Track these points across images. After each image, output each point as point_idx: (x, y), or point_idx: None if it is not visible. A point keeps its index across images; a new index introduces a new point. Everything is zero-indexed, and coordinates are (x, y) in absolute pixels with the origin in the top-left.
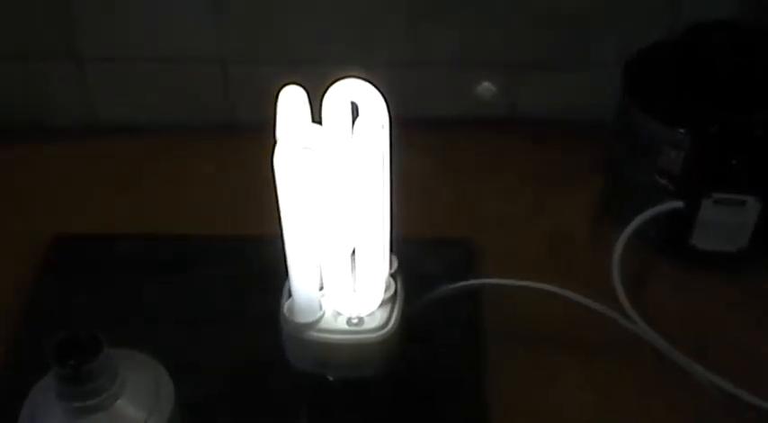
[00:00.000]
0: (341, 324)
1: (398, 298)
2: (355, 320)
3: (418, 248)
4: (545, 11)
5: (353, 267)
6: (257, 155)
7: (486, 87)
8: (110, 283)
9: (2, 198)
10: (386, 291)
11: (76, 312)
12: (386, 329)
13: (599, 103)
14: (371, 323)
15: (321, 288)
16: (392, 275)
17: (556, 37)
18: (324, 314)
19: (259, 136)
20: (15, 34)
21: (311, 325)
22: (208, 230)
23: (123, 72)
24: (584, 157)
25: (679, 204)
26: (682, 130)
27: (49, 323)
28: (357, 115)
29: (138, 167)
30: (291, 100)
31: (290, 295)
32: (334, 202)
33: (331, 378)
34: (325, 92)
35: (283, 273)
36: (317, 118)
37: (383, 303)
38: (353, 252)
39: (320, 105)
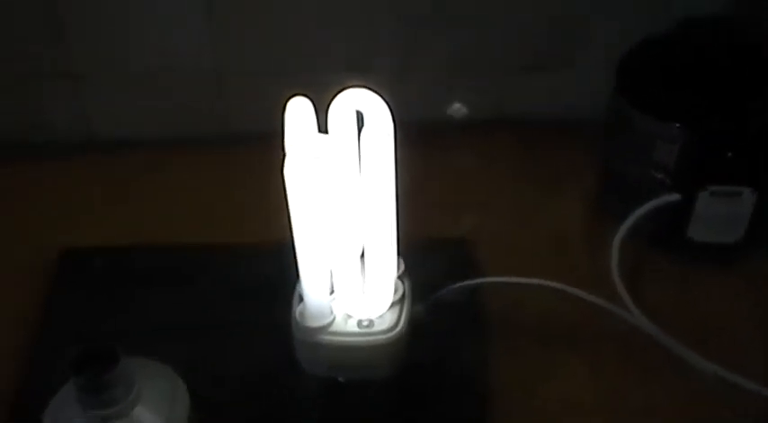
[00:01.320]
0: (351, 327)
1: (406, 300)
2: (366, 323)
3: (417, 250)
4: (532, 11)
5: (363, 270)
6: (253, 165)
7: (457, 108)
8: (120, 295)
9: (6, 213)
10: (395, 293)
11: (89, 323)
12: (396, 331)
13: (586, 102)
14: (382, 325)
15: (332, 292)
16: (400, 278)
17: (543, 37)
18: (335, 318)
19: (256, 146)
20: (8, 52)
21: (323, 329)
22: (212, 240)
23: (119, 86)
24: (575, 155)
25: (676, 197)
26: (677, 125)
27: (63, 335)
28: (362, 123)
29: (139, 180)
30: (298, 111)
31: (300, 300)
32: (344, 208)
33: (342, 380)
34: (329, 101)
35: (288, 280)
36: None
37: (392, 305)
38: (362, 255)
39: (322, 114)
